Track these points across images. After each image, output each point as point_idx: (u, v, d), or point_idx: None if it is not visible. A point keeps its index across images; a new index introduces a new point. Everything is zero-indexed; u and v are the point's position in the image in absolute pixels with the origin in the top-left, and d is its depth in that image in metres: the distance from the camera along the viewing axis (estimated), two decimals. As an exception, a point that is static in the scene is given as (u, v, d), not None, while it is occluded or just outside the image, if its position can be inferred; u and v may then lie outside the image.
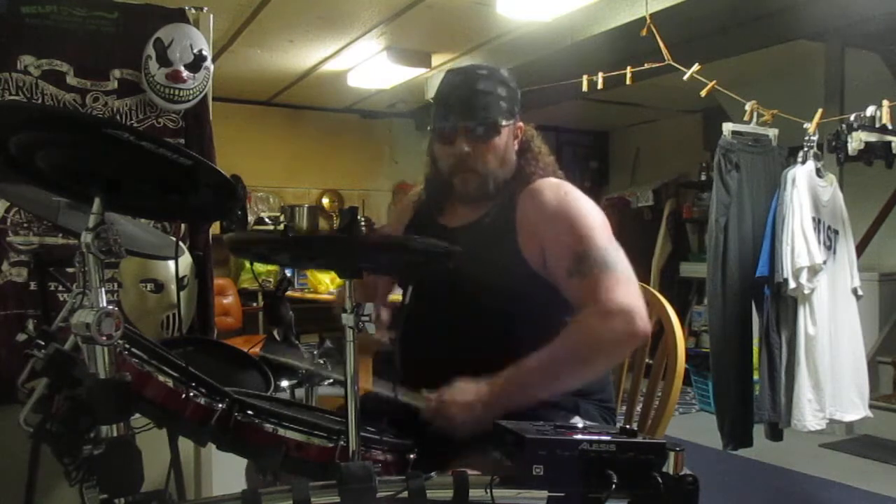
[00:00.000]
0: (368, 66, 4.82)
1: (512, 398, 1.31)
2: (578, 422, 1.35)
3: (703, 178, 5.79)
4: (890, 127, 2.92)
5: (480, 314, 1.41)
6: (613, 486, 1.01)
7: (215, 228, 3.31)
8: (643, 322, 1.33)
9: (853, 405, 3.14)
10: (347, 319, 1.08)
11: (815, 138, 3.09)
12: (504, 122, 1.48)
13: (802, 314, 3.03)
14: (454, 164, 1.50)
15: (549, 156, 1.57)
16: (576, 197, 1.46)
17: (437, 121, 1.51)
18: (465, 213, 1.55)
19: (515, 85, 1.54)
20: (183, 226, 2.19)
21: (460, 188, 1.52)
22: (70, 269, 1.89)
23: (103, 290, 1.01)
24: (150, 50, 2.10)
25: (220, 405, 1.11)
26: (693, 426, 4.27)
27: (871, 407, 3.23)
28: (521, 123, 1.55)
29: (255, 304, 5.59)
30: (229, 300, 5.27)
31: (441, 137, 1.51)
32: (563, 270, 1.39)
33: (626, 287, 1.35)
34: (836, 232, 3.15)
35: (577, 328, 1.35)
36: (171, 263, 1.92)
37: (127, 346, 1.06)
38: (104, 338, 0.96)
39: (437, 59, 4.77)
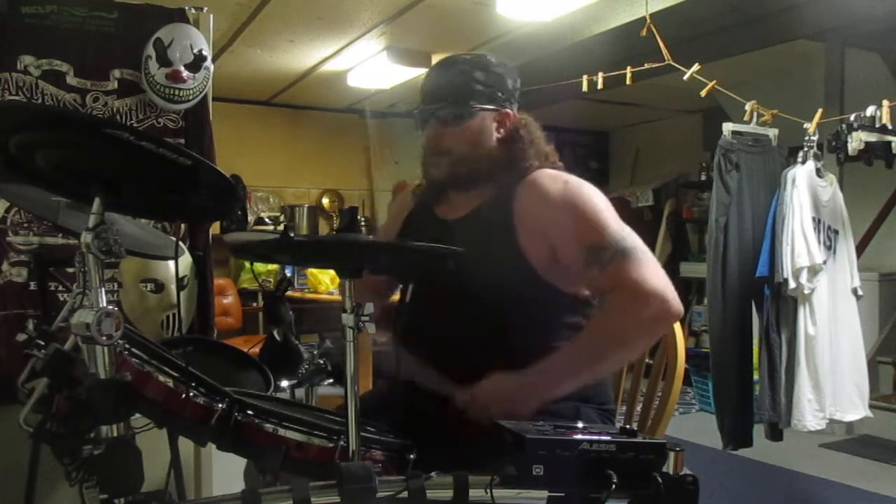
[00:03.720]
0: (368, 66, 4.81)
1: (550, 389, 1.30)
2: (579, 422, 1.34)
3: (703, 178, 5.79)
4: (890, 127, 2.92)
5: (475, 308, 1.38)
6: (613, 486, 1.01)
7: (215, 228, 3.31)
8: (676, 302, 1.32)
9: (853, 405, 3.14)
10: (347, 319, 1.08)
11: (815, 138, 3.09)
12: (478, 106, 1.47)
13: (802, 314, 3.03)
14: (427, 148, 1.50)
15: (547, 145, 1.55)
16: (578, 185, 1.44)
17: (417, 107, 1.52)
18: (460, 205, 1.52)
19: (505, 73, 1.52)
20: (183, 226, 2.19)
21: (434, 172, 1.51)
22: (70, 269, 1.89)
23: (103, 290, 1.01)
24: (150, 50, 2.10)
25: (220, 405, 1.11)
26: (693, 426, 4.27)
27: (871, 407, 3.23)
28: (509, 111, 1.52)
29: (255, 304, 5.59)
30: (229, 300, 5.26)
31: (418, 122, 1.51)
32: (581, 263, 1.36)
33: (652, 269, 1.33)
34: (836, 232, 3.15)
35: (613, 312, 1.33)
36: (171, 263, 1.91)
37: (127, 346, 1.06)
38: (104, 338, 0.96)
39: (437, 59, 4.75)
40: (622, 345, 1.35)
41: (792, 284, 2.96)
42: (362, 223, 5.91)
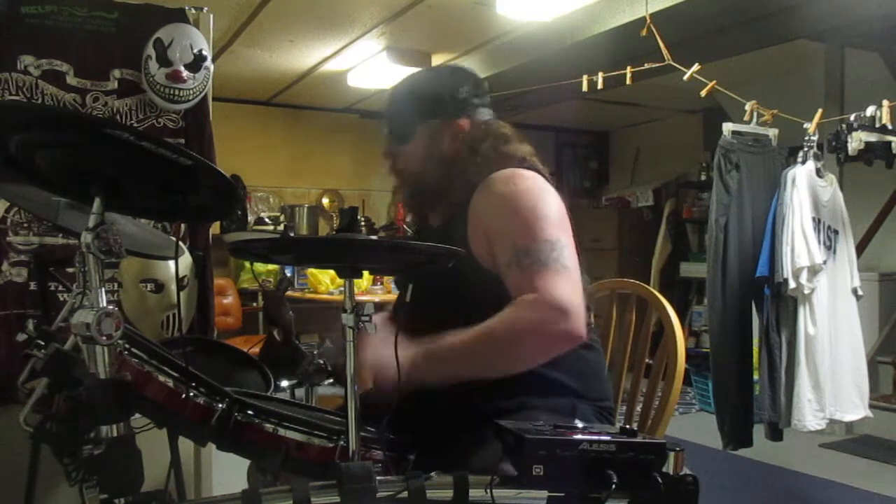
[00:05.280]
0: (368, 66, 4.82)
1: (429, 372, 1.29)
2: (578, 422, 1.34)
3: (703, 178, 5.79)
4: (890, 127, 2.92)
5: (451, 310, 1.37)
6: (613, 486, 1.01)
7: (215, 228, 3.31)
8: (577, 322, 1.28)
9: (853, 405, 3.14)
10: (347, 319, 1.08)
11: (815, 138, 3.09)
12: (420, 124, 1.49)
13: (802, 314, 3.03)
14: (389, 169, 1.58)
15: (519, 144, 1.52)
16: (527, 187, 1.41)
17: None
18: (440, 213, 1.53)
19: (453, 82, 1.53)
20: (183, 226, 2.19)
21: (400, 190, 1.56)
22: (70, 269, 1.89)
23: (103, 290, 1.01)
24: (150, 50, 2.10)
25: (220, 405, 1.11)
26: (693, 426, 4.27)
27: (871, 407, 3.23)
28: (459, 121, 1.50)
29: (255, 304, 5.59)
30: (229, 300, 5.26)
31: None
32: (504, 262, 1.35)
33: (565, 283, 1.29)
34: (836, 232, 3.15)
35: (507, 315, 1.29)
36: (171, 263, 1.91)
37: (127, 346, 1.06)
38: (104, 338, 0.96)
39: (437, 59, 4.77)
40: (505, 351, 1.30)
41: (792, 284, 2.96)
42: (362, 223, 5.90)
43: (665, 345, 1.59)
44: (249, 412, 1.13)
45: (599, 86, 3.43)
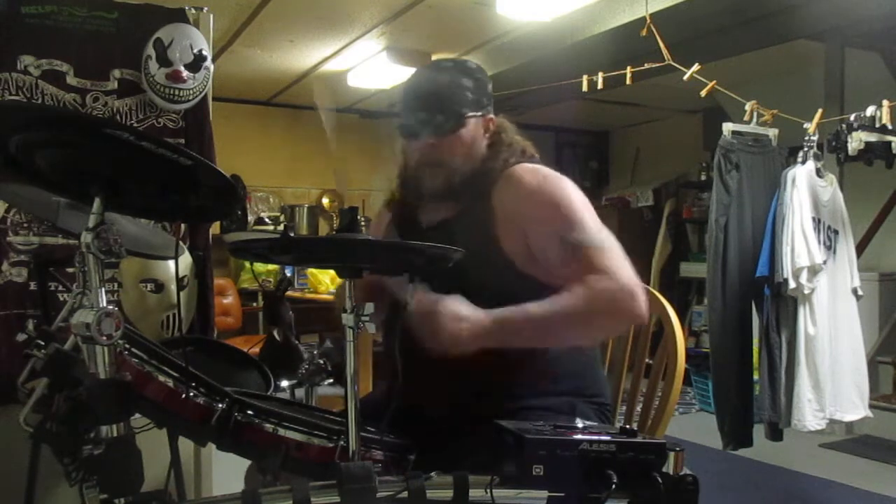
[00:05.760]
0: (368, 66, 4.82)
1: (503, 336, 1.29)
2: (578, 422, 1.34)
3: (703, 178, 5.80)
4: (890, 127, 2.92)
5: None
6: (613, 486, 1.01)
7: (215, 228, 3.31)
8: (645, 305, 1.33)
9: (853, 405, 3.14)
10: (347, 319, 1.08)
11: (815, 138, 3.09)
12: (470, 114, 1.46)
13: (802, 314, 3.03)
14: (420, 159, 1.47)
15: (524, 142, 1.54)
16: (556, 179, 1.43)
17: (402, 116, 1.48)
18: (440, 210, 1.51)
19: (485, 78, 1.52)
20: (183, 226, 2.19)
21: (428, 184, 1.48)
22: (70, 269, 1.89)
23: (103, 290, 1.01)
24: (150, 50, 2.10)
25: (220, 405, 1.11)
26: (693, 426, 4.27)
27: (871, 407, 3.23)
28: (492, 116, 1.52)
29: (255, 304, 5.58)
30: (229, 300, 5.26)
31: (406, 132, 1.48)
32: (557, 256, 1.36)
33: (627, 268, 1.34)
34: (836, 232, 3.15)
35: (589, 287, 1.31)
36: (171, 263, 1.91)
37: (127, 346, 1.06)
38: (104, 338, 0.96)
39: (436, 60, 4.77)
40: (584, 322, 1.32)
41: (792, 284, 2.97)
42: (362, 223, 5.90)
43: (665, 345, 1.59)
44: (249, 412, 1.13)
45: (599, 86, 3.43)
